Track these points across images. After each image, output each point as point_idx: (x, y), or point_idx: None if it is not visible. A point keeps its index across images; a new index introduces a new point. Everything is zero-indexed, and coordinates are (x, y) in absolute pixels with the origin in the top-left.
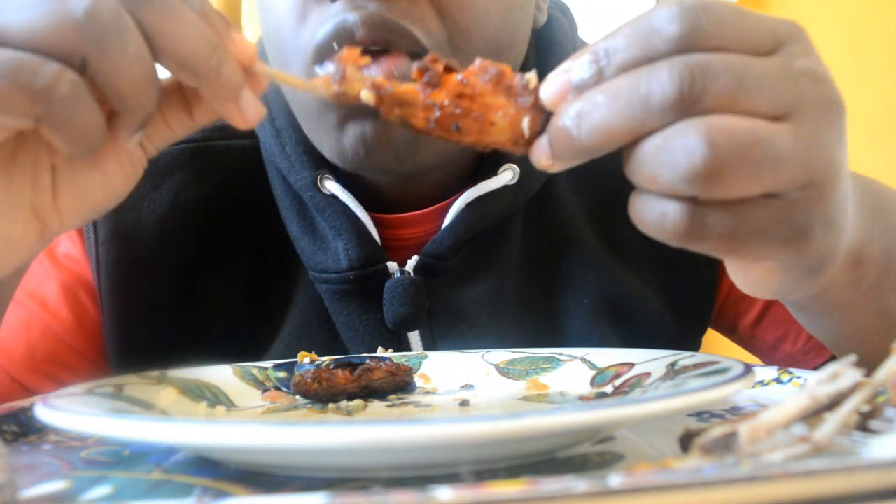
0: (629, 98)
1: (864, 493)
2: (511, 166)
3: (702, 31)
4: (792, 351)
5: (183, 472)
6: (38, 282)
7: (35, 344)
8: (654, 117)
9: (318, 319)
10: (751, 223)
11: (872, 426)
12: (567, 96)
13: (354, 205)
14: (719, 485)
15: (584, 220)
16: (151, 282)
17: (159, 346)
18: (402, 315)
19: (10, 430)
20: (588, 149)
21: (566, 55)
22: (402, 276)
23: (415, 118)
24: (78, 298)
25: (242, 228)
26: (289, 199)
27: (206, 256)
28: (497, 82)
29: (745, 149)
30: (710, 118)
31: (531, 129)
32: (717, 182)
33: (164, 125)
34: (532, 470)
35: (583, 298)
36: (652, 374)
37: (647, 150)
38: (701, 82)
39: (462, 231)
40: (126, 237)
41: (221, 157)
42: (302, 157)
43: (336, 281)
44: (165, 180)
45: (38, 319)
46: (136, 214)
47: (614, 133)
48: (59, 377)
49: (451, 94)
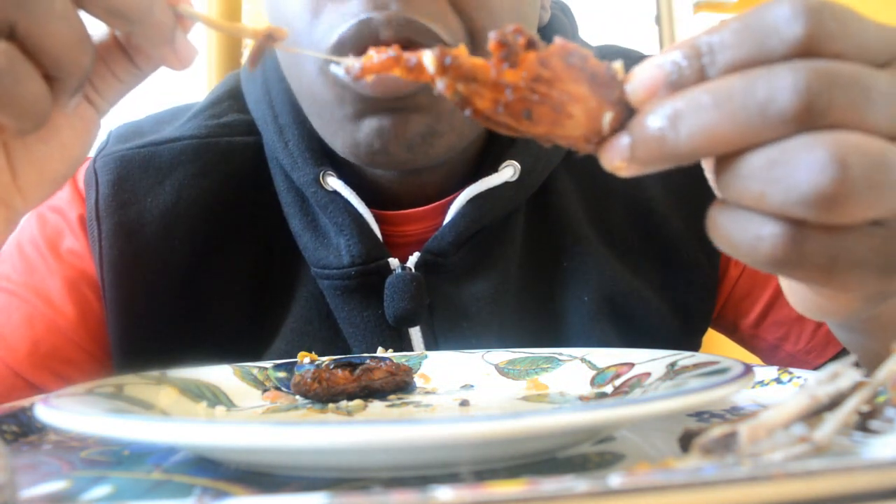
0: (743, 102)
1: (864, 493)
2: (512, 163)
3: (827, 33)
4: (793, 351)
5: (183, 472)
6: (41, 278)
7: (39, 339)
8: (770, 127)
9: (320, 315)
10: (852, 252)
11: (872, 426)
12: (658, 93)
13: (356, 201)
14: (719, 485)
15: (584, 217)
16: (154, 277)
17: (161, 341)
18: (402, 311)
19: (10, 430)
20: (683, 154)
21: None
22: (403, 272)
23: (480, 99)
24: (82, 294)
25: (245, 225)
26: (291, 195)
27: (209, 252)
28: (580, 68)
29: (877, 171)
30: (840, 134)
31: (611, 126)
32: (840, 206)
33: (113, 78)
34: (532, 470)
35: (583, 296)
36: (652, 374)
37: (755, 164)
38: (828, 93)
39: (464, 227)
40: (129, 232)
41: (225, 154)
42: (304, 154)
43: (337, 277)
44: (168, 176)
45: (42, 315)
46: (140, 210)
47: (718, 139)
48: (63, 373)
49: (529, 77)
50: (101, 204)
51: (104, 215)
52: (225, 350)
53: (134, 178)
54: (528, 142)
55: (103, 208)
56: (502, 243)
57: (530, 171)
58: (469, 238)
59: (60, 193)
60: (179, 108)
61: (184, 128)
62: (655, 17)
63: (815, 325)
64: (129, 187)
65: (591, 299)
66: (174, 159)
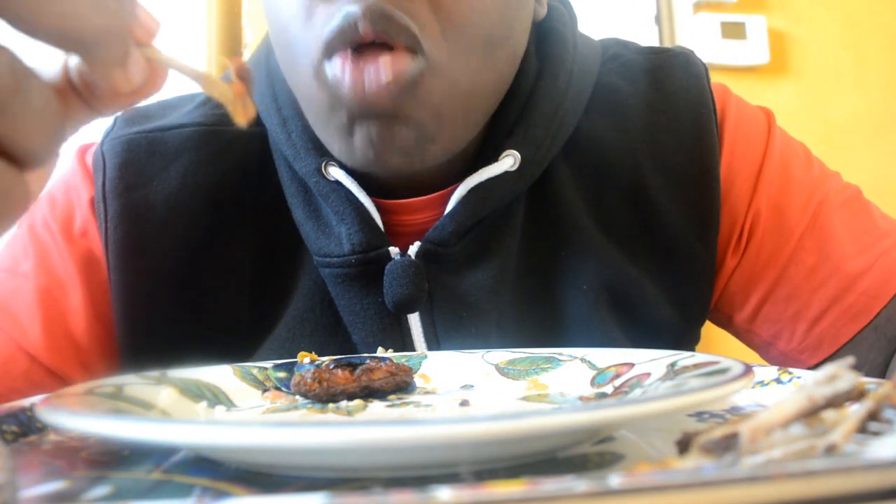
0: None
1: (864, 493)
2: (512, 152)
3: None
4: (786, 349)
5: (183, 472)
6: (54, 261)
7: (52, 322)
8: None
9: (322, 303)
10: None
11: (872, 426)
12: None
13: (357, 190)
14: (719, 485)
15: (582, 207)
16: (158, 261)
17: (163, 326)
18: (401, 296)
19: (10, 430)
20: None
21: (566, 43)
22: (403, 259)
23: None
24: (93, 275)
25: (249, 213)
26: (294, 185)
27: (213, 239)
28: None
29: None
30: None
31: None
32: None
33: (71, 122)
34: (532, 470)
35: (582, 285)
36: (652, 374)
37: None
38: None
39: (464, 217)
40: (135, 216)
41: (231, 143)
42: (307, 145)
43: (338, 265)
44: (174, 162)
45: (56, 299)
46: (145, 194)
47: None
48: (78, 357)
49: None
50: (108, 186)
51: (110, 198)
52: (227, 337)
53: (140, 161)
54: (527, 131)
55: (109, 190)
56: (503, 233)
57: (530, 160)
58: (470, 228)
59: (71, 176)
60: (186, 96)
61: (191, 115)
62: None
63: (808, 325)
64: (135, 171)
65: (591, 288)
66: (180, 145)
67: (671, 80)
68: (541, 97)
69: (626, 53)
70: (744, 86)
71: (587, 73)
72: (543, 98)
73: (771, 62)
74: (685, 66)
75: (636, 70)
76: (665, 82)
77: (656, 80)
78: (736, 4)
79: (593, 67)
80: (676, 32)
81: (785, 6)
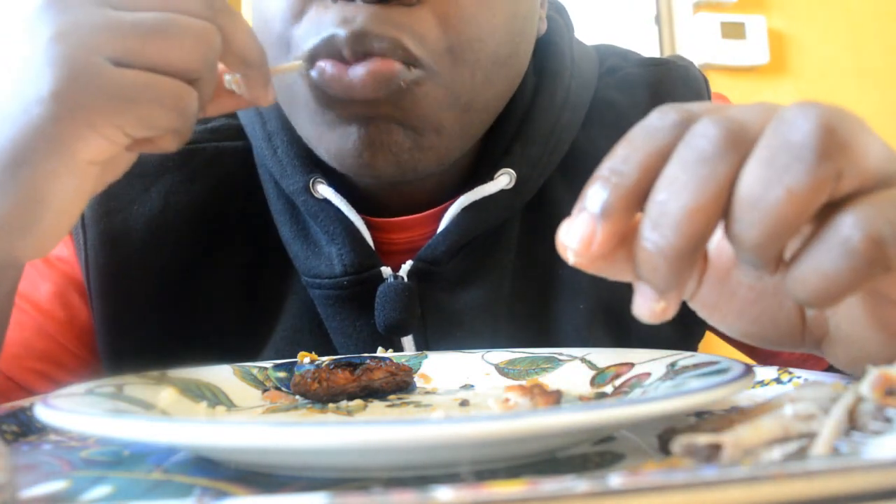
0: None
1: (864, 493)
2: (508, 171)
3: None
4: (790, 359)
5: (183, 472)
6: (31, 284)
7: (29, 342)
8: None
9: (311, 324)
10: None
11: (872, 426)
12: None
13: (347, 209)
14: (719, 485)
15: None
16: (141, 285)
17: (149, 350)
18: (392, 321)
19: (10, 430)
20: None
21: (563, 58)
22: (395, 282)
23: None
24: (71, 300)
25: (234, 232)
26: (281, 203)
27: (198, 260)
28: None
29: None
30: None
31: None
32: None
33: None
34: (532, 470)
35: (578, 304)
36: (652, 374)
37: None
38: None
39: (458, 236)
40: (115, 241)
41: (212, 160)
42: (294, 162)
43: (329, 286)
44: (155, 183)
45: (32, 319)
46: (125, 217)
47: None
48: (54, 376)
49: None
50: (87, 213)
51: (89, 224)
52: (213, 360)
53: (119, 185)
54: (524, 149)
55: (88, 217)
56: (497, 251)
57: (526, 179)
58: (463, 246)
59: None
60: None
61: None
62: (655, 18)
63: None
64: (114, 195)
65: (587, 307)
66: (160, 165)
67: (670, 93)
68: (538, 114)
69: (624, 66)
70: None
71: (585, 88)
72: (541, 115)
73: (771, 62)
74: (685, 80)
75: (635, 84)
76: (664, 97)
77: (655, 94)
78: (736, 4)
79: (591, 81)
80: (676, 33)
81: (785, 6)
